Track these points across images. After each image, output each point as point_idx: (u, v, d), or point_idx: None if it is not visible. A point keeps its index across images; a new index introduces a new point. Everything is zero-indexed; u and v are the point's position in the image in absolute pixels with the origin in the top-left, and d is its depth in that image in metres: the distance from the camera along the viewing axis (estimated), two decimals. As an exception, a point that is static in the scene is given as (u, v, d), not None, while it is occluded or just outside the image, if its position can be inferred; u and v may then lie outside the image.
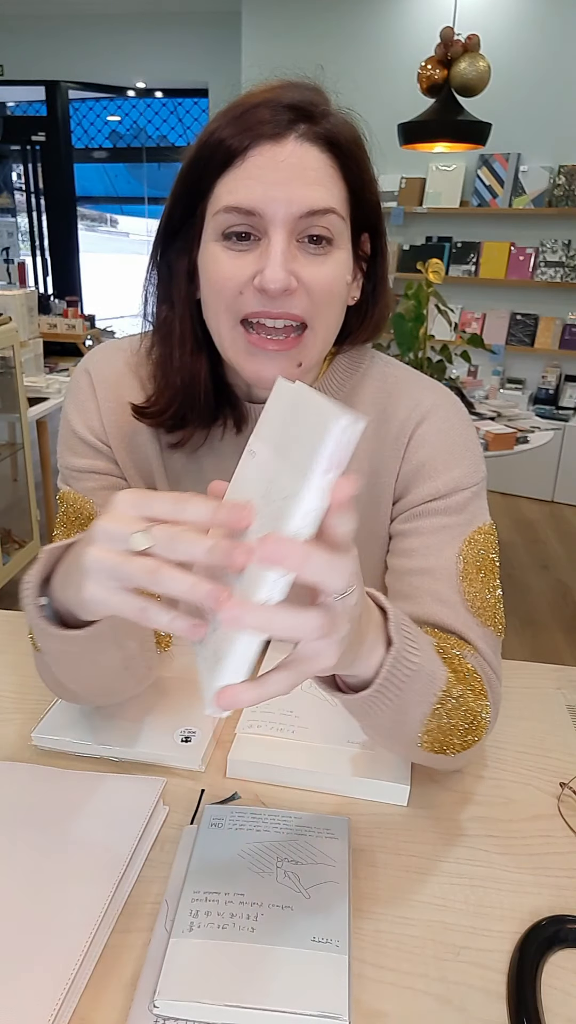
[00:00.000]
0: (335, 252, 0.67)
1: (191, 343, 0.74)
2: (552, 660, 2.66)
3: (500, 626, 0.76)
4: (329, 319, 0.70)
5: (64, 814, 0.66)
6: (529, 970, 0.55)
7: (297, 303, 0.66)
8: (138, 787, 0.69)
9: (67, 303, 4.61)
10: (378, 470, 0.80)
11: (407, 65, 3.66)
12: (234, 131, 0.64)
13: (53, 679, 0.71)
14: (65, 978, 0.51)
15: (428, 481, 0.77)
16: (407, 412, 0.79)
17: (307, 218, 0.64)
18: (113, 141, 8.98)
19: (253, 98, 0.65)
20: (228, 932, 0.55)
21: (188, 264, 0.71)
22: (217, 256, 0.67)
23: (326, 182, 0.65)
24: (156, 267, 0.74)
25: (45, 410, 3.05)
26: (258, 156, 0.64)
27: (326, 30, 4.59)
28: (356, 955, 0.55)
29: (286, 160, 0.63)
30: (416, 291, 2.77)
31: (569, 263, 4.30)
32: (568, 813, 0.71)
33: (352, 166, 0.67)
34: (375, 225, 0.73)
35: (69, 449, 0.82)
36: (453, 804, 0.72)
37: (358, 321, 0.78)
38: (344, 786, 0.71)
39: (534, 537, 3.88)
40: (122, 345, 0.83)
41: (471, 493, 0.77)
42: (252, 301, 0.66)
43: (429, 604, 0.74)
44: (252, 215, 0.64)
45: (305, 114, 0.65)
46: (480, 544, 0.76)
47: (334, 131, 0.65)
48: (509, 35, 4.16)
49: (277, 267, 0.63)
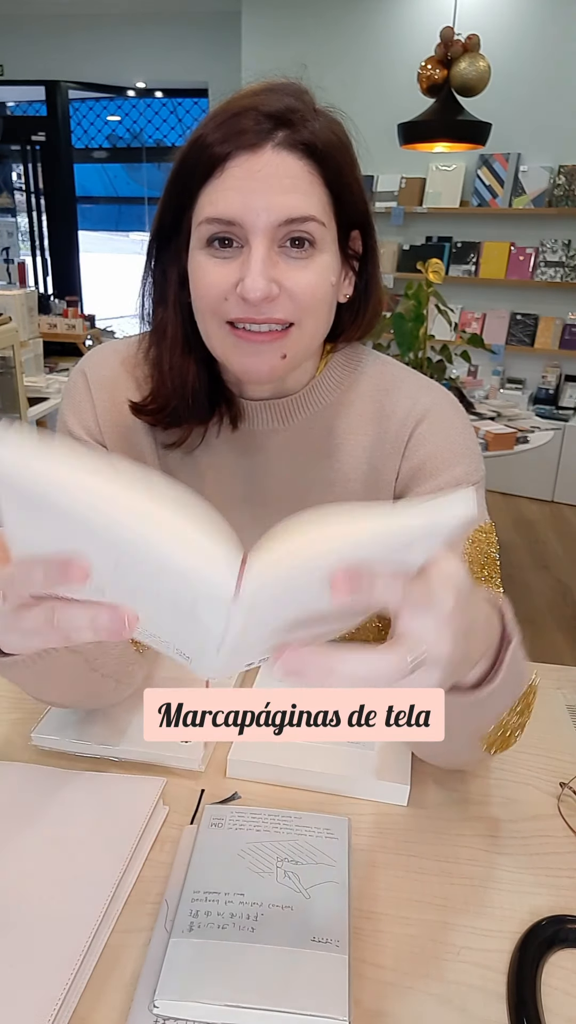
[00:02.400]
0: (318, 255, 0.68)
1: (184, 344, 0.75)
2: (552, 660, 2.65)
3: None
4: (316, 319, 0.71)
5: (64, 814, 0.66)
6: (529, 970, 0.55)
7: (280, 308, 0.67)
8: (138, 787, 0.69)
9: (67, 303, 4.61)
10: (377, 468, 0.81)
11: (407, 65, 3.66)
12: (216, 139, 0.65)
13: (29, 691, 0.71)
14: (65, 978, 0.51)
15: (429, 480, 0.78)
16: (406, 411, 0.80)
17: (286, 225, 0.65)
18: (113, 141, 8.98)
19: (236, 104, 0.66)
20: (228, 932, 0.55)
21: (179, 270, 0.73)
22: (202, 264, 0.68)
23: (304, 188, 0.66)
24: (151, 272, 0.76)
25: (45, 410, 3.05)
26: (236, 167, 0.65)
27: (326, 30, 4.59)
28: (356, 955, 0.55)
29: (263, 170, 0.64)
30: (416, 291, 2.77)
31: (569, 263, 4.30)
32: (568, 813, 0.71)
33: (332, 171, 0.68)
34: (364, 223, 0.74)
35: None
36: (453, 804, 0.72)
37: (351, 318, 0.78)
38: (344, 786, 0.71)
39: (534, 537, 3.88)
40: (118, 347, 0.84)
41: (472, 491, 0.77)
42: (236, 308, 0.67)
43: None
44: (233, 225, 0.65)
45: (284, 121, 0.65)
46: (482, 542, 0.77)
47: (312, 138, 0.66)
48: (509, 35, 4.16)
49: (257, 276, 0.64)
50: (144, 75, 6.54)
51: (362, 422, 0.80)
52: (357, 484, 0.81)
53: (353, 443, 0.80)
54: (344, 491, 0.81)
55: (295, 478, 0.81)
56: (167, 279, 0.74)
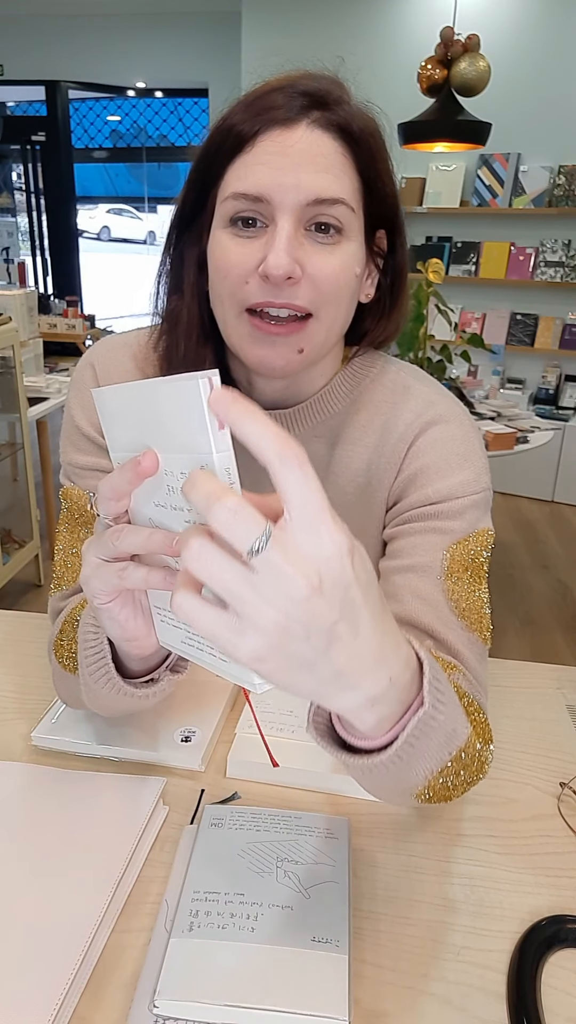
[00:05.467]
0: (344, 243, 0.66)
1: (198, 333, 0.73)
2: (552, 660, 2.66)
3: (486, 633, 0.71)
4: (336, 311, 0.68)
5: (64, 814, 0.66)
6: (529, 970, 0.55)
7: (301, 293, 0.65)
8: (138, 787, 0.69)
9: (67, 303, 4.61)
10: (376, 477, 0.78)
11: (407, 65, 3.66)
12: (246, 116, 0.63)
13: (72, 697, 0.71)
14: (65, 978, 0.51)
15: (421, 488, 0.75)
16: (409, 423, 0.77)
17: (315, 206, 0.63)
18: (113, 141, 8.99)
19: (269, 86, 0.64)
20: (228, 932, 0.55)
21: (199, 253, 0.71)
22: (224, 243, 0.66)
23: (336, 171, 0.64)
24: (169, 256, 0.73)
25: (45, 410, 3.05)
26: (268, 142, 0.63)
27: (326, 30, 4.59)
28: (356, 955, 0.55)
29: (295, 146, 0.62)
30: (416, 291, 2.77)
31: (569, 263, 4.30)
32: (568, 813, 0.71)
33: (365, 156, 0.66)
34: (392, 220, 0.72)
35: (73, 445, 0.81)
36: (453, 804, 0.72)
37: (374, 320, 0.76)
38: (344, 786, 0.71)
39: (534, 537, 3.88)
40: (127, 340, 0.82)
41: (469, 501, 0.73)
42: (257, 291, 0.65)
43: (410, 601, 0.70)
44: (260, 201, 0.63)
45: (319, 101, 0.64)
46: (472, 543, 0.73)
47: (348, 119, 0.64)
48: (509, 35, 4.16)
49: (281, 252, 0.62)
50: (144, 75, 6.54)
51: (365, 434, 0.78)
52: (351, 491, 0.79)
53: (353, 453, 0.78)
54: (337, 497, 0.78)
55: None
56: (184, 264, 0.72)
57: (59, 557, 0.78)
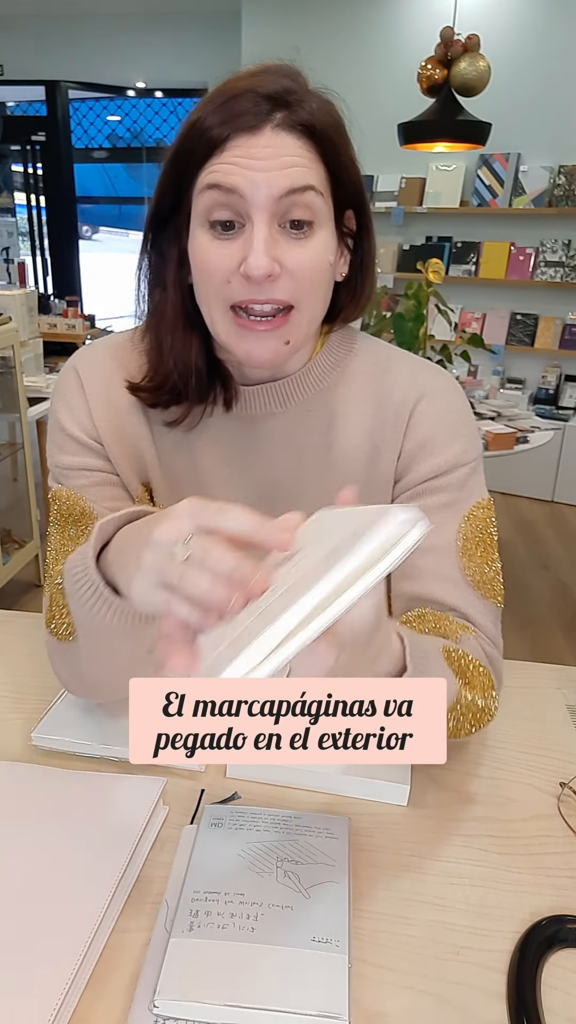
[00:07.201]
0: (316, 234, 0.69)
1: (183, 325, 0.76)
2: (552, 660, 2.65)
3: (499, 597, 0.80)
4: (315, 299, 0.72)
5: (64, 814, 0.66)
6: (529, 970, 0.55)
7: (282, 288, 0.68)
8: (138, 787, 0.69)
9: (67, 303, 4.61)
10: (379, 448, 0.81)
11: (407, 65, 3.66)
12: (215, 121, 0.66)
13: (71, 671, 0.72)
14: (65, 978, 0.51)
15: (429, 458, 0.79)
16: (405, 389, 0.80)
17: (288, 197, 0.66)
18: (113, 141, 8.98)
19: (233, 87, 0.67)
20: (228, 932, 0.55)
21: (178, 251, 0.73)
22: (204, 245, 0.69)
23: (303, 165, 0.67)
24: (148, 255, 0.76)
25: (45, 410, 3.05)
26: (236, 147, 0.66)
27: (326, 30, 4.59)
28: (356, 955, 0.55)
29: (264, 148, 0.66)
30: (416, 291, 2.77)
31: (569, 263, 4.30)
32: (568, 813, 0.71)
33: (329, 149, 0.69)
34: (358, 202, 0.75)
35: (59, 448, 0.83)
36: (453, 804, 0.72)
37: (348, 296, 0.79)
38: (344, 786, 0.71)
39: (534, 537, 3.88)
40: (108, 342, 0.85)
41: (470, 469, 0.79)
42: (240, 289, 0.68)
43: (430, 582, 0.77)
44: (233, 193, 0.66)
45: (282, 103, 0.66)
46: (479, 519, 0.79)
47: (310, 118, 0.67)
48: (509, 35, 4.16)
49: (260, 254, 0.65)
50: (144, 75, 6.53)
51: (361, 402, 0.81)
52: (358, 464, 0.81)
53: (353, 423, 0.81)
54: (344, 473, 0.81)
55: (294, 461, 0.81)
56: (165, 261, 0.75)
57: (51, 557, 0.80)
